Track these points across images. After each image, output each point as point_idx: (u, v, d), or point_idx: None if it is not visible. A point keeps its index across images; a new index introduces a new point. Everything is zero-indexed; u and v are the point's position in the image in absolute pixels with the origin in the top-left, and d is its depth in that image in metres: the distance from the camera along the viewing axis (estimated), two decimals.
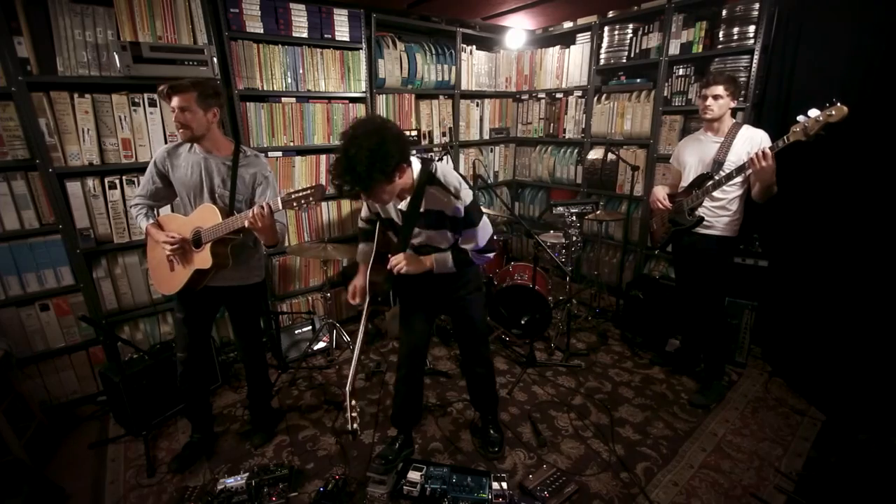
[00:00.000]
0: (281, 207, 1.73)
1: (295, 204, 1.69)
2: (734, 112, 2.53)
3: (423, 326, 1.99)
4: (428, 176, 1.65)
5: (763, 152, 1.99)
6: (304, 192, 1.68)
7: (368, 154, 1.38)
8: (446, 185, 1.65)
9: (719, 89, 2.20)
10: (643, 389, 2.66)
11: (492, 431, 2.20)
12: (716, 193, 2.26)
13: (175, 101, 1.74)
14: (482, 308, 2.05)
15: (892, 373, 2.18)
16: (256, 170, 1.92)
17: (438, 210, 1.66)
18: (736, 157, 2.20)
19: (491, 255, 1.85)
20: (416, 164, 1.66)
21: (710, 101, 2.23)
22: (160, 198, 2.01)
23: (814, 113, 1.86)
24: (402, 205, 1.67)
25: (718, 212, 2.30)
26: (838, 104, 1.81)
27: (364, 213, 1.98)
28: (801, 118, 1.90)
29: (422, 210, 1.67)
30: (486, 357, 2.14)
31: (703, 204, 2.31)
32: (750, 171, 2.06)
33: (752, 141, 2.18)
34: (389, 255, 1.76)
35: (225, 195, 1.89)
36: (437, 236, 1.74)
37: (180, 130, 1.80)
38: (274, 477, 1.95)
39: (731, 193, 2.26)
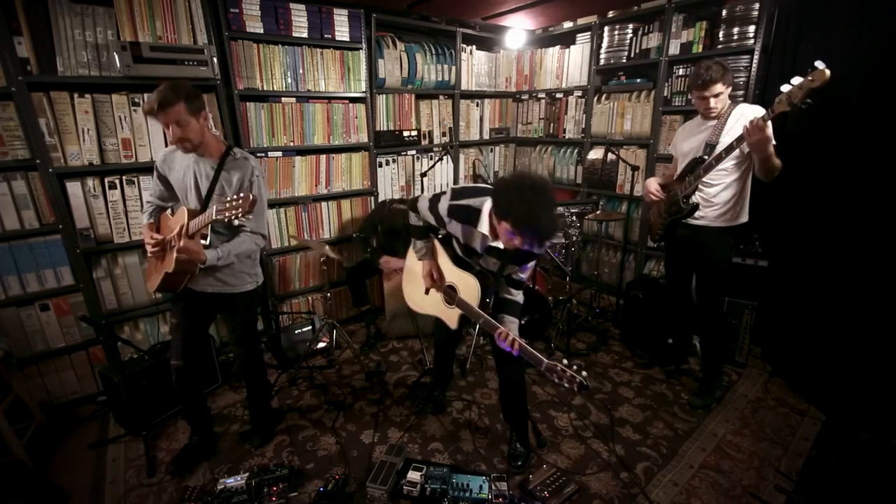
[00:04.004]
0: (210, 220, 1.67)
1: (225, 216, 1.61)
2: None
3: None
4: None
5: (755, 122, 1.89)
6: (233, 204, 1.60)
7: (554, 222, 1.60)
8: None
9: (718, 87, 2.08)
10: (643, 389, 2.66)
11: (518, 446, 2.14)
12: (708, 179, 2.18)
13: (166, 118, 1.66)
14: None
15: (892, 373, 2.18)
16: (242, 173, 1.85)
17: (523, 250, 1.79)
18: (730, 137, 2.07)
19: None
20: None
21: (713, 102, 2.12)
22: (166, 199, 2.03)
23: (796, 80, 1.79)
24: (499, 242, 1.78)
25: (713, 200, 2.21)
26: (820, 68, 1.73)
27: (420, 223, 2.03)
28: (783, 87, 1.82)
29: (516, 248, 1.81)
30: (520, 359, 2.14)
31: (699, 190, 2.23)
32: (742, 145, 1.99)
33: (745, 118, 2.02)
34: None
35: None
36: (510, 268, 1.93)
37: (181, 145, 1.75)
38: (274, 477, 1.95)
39: (726, 178, 2.15)
